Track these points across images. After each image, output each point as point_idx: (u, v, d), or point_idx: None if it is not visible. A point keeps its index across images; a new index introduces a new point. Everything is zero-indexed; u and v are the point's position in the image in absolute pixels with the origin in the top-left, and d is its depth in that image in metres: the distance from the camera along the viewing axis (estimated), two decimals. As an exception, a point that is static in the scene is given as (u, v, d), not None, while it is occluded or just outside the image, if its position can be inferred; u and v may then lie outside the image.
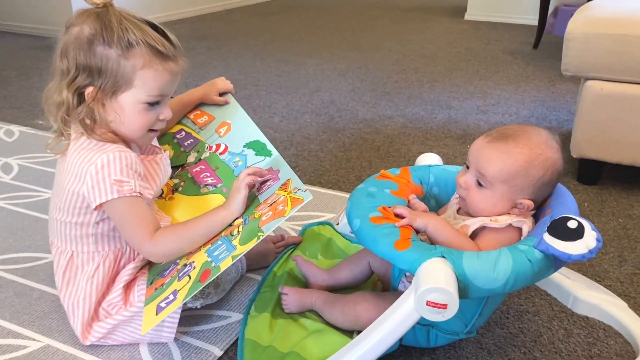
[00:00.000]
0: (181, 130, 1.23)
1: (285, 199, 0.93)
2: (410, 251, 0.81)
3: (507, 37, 3.68)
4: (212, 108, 1.23)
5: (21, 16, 3.63)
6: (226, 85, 1.22)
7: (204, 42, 3.43)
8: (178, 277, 0.92)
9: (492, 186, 0.90)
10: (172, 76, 0.94)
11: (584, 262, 1.26)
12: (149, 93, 0.92)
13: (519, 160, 0.88)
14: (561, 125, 2.10)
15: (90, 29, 0.89)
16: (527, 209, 0.90)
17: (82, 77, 0.90)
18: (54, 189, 0.99)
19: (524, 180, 0.88)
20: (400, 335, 0.81)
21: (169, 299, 0.88)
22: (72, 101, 0.91)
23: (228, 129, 1.18)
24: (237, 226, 0.95)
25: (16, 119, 2.10)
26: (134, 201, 0.91)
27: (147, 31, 0.91)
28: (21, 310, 1.08)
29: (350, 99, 2.40)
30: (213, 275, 0.87)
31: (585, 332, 1.05)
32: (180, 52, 0.96)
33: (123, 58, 0.89)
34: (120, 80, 0.90)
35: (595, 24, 1.50)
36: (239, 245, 0.89)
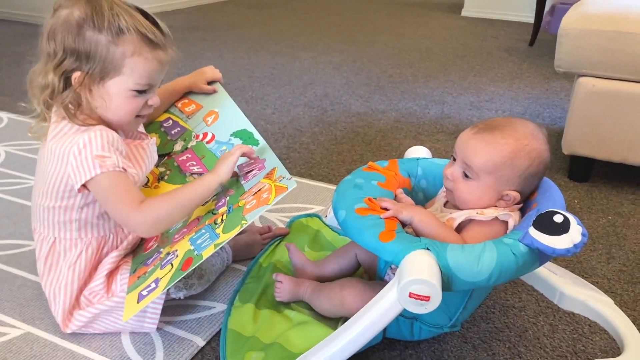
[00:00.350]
0: (168, 119, 1.22)
1: (269, 187, 0.92)
2: (395, 243, 0.81)
3: (503, 34, 3.67)
4: (200, 97, 1.22)
5: (13, 3, 3.59)
6: (215, 73, 1.21)
7: (198, 33, 3.40)
8: (161, 265, 0.92)
9: (479, 177, 0.89)
10: (160, 65, 0.94)
11: (572, 259, 1.26)
12: (137, 81, 0.92)
13: (504, 151, 0.87)
14: (554, 123, 2.10)
15: (80, 13, 0.88)
16: (514, 200, 0.90)
17: (69, 60, 0.89)
18: (36, 175, 0.98)
19: (510, 171, 0.88)
20: (382, 326, 0.80)
21: (150, 287, 0.88)
22: (58, 85, 0.90)
23: (215, 118, 1.17)
24: (221, 214, 0.94)
25: (5, 106, 2.08)
26: (117, 175, 0.89)
27: (138, 18, 0.90)
28: (2, 298, 1.07)
29: (344, 93, 2.39)
30: (195, 263, 0.86)
31: (571, 328, 1.05)
32: (170, 41, 0.95)
33: (113, 44, 0.88)
34: (108, 66, 0.89)
35: (588, 20, 1.50)
36: (222, 234, 0.89)
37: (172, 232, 1.02)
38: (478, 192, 0.90)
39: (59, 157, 0.90)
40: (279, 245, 1.19)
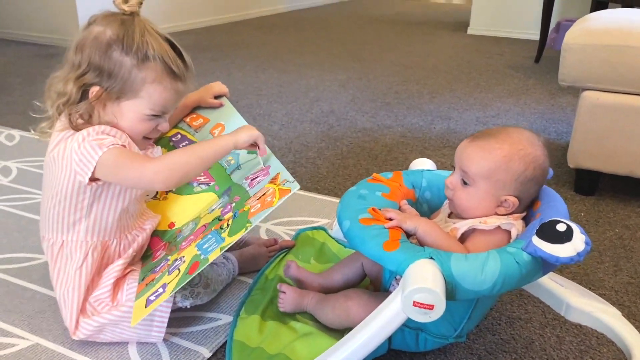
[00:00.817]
0: (177, 134, 1.24)
1: (273, 190, 0.94)
2: (399, 252, 0.81)
3: (509, 51, 3.70)
4: (207, 111, 1.24)
5: (27, 25, 3.67)
6: (221, 88, 1.24)
7: (208, 53, 3.45)
8: (168, 271, 0.93)
9: (475, 183, 0.91)
10: (177, 95, 0.98)
11: (579, 271, 1.26)
12: (152, 107, 0.95)
13: (498, 155, 0.89)
14: (560, 137, 2.10)
15: (112, 34, 0.92)
16: (513, 206, 0.90)
17: (91, 74, 0.93)
18: (44, 184, 1.00)
19: (506, 175, 0.89)
20: (386, 335, 0.80)
21: (158, 292, 0.89)
22: (75, 95, 0.93)
23: (222, 130, 1.19)
24: (227, 220, 0.96)
25: (18, 124, 2.11)
26: (120, 150, 0.91)
27: (165, 48, 0.94)
28: (12, 309, 1.08)
29: (350, 109, 2.41)
30: (202, 266, 0.87)
31: (578, 339, 1.05)
32: (191, 73, 0.99)
33: (136, 68, 0.92)
34: (127, 88, 0.93)
35: (592, 35, 1.51)
36: (227, 237, 0.90)
37: (179, 240, 1.04)
38: (476, 198, 0.91)
39: (62, 160, 0.93)
40: (285, 257, 1.20)
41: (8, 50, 3.41)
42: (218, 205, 1.08)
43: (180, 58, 0.96)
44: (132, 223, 1.04)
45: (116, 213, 0.99)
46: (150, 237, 1.09)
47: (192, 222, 1.09)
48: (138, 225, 1.06)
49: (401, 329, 0.92)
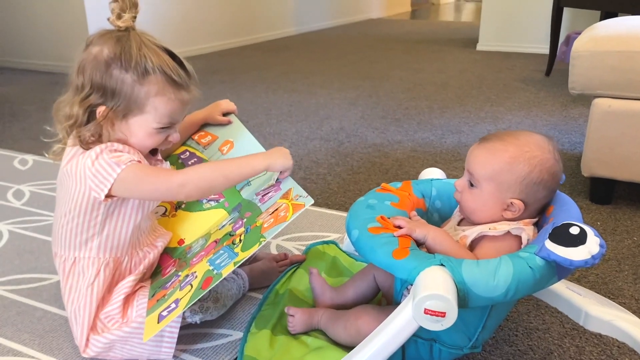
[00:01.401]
0: (185, 151, 1.24)
1: (286, 205, 0.93)
2: (409, 260, 0.80)
3: (519, 65, 3.69)
4: (216, 128, 1.24)
5: (43, 54, 3.75)
6: (229, 105, 1.24)
7: (217, 76, 3.49)
8: (180, 287, 0.92)
9: (480, 184, 0.90)
10: (183, 105, 0.98)
11: (597, 280, 1.23)
12: (159, 120, 0.95)
13: (502, 157, 0.88)
14: (574, 148, 2.07)
15: (109, 52, 0.92)
16: (519, 210, 0.89)
17: (95, 95, 0.93)
18: (57, 201, 1.00)
19: (510, 177, 0.88)
20: (398, 345, 0.78)
21: (170, 307, 0.88)
22: (82, 117, 0.94)
23: (231, 147, 1.19)
24: (239, 235, 0.95)
25: (31, 149, 2.14)
26: (138, 165, 0.91)
27: (165, 59, 0.94)
28: (22, 329, 1.08)
29: (360, 126, 2.41)
30: (215, 281, 0.86)
31: (599, 349, 1.01)
32: (194, 81, 0.99)
33: (138, 84, 0.92)
34: (132, 104, 0.93)
35: (601, 41, 1.50)
36: (240, 252, 0.89)
37: (189, 256, 1.03)
38: (481, 200, 0.90)
39: (75, 176, 0.93)
40: (296, 272, 1.19)
41: (24, 79, 3.48)
42: (228, 221, 1.07)
43: (181, 67, 0.96)
44: (143, 240, 1.04)
45: (129, 229, 0.98)
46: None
47: (202, 238, 1.09)
48: (150, 242, 1.06)
49: (414, 340, 0.90)
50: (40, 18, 3.70)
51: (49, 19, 3.66)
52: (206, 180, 0.95)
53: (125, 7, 0.93)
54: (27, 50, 3.84)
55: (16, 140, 2.29)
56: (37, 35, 3.75)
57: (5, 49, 3.94)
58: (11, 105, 2.88)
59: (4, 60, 3.96)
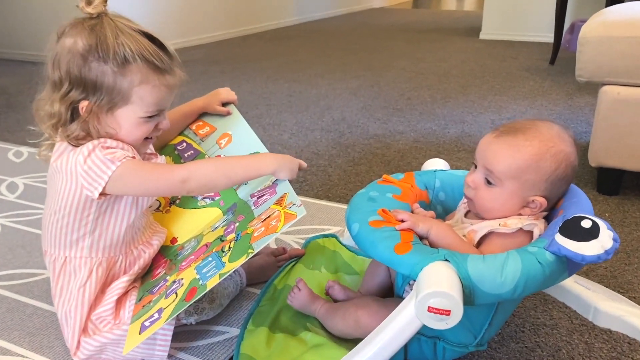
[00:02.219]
0: (182, 142, 1.20)
1: (279, 214, 0.88)
2: (411, 255, 0.76)
3: (523, 54, 3.64)
4: (214, 118, 1.20)
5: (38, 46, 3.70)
6: (229, 95, 1.19)
7: (218, 66, 3.44)
8: (165, 294, 0.88)
9: (502, 183, 0.84)
10: (169, 89, 0.92)
11: (606, 273, 1.19)
12: (147, 109, 0.90)
13: (528, 153, 0.82)
14: (580, 138, 2.03)
15: (84, 44, 0.86)
16: (540, 207, 0.84)
17: (76, 91, 0.87)
18: (47, 197, 0.96)
19: (535, 175, 0.83)
20: (400, 344, 0.74)
21: (153, 318, 0.84)
22: (65, 115, 0.88)
23: (229, 140, 1.15)
24: (229, 242, 0.91)
25: (26, 141, 2.10)
26: (134, 161, 0.87)
27: (144, 44, 0.88)
28: (12, 327, 1.04)
29: (361, 116, 2.37)
30: (199, 293, 0.82)
31: (608, 346, 0.98)
32: (177, 63, 0.93)
33: (119, 75, 0.86)
34: (116, 96, 0.88)
35: (609, 27, 1.45)
36: (227, 263, 0.85)
37: (180, 258, 0.99)
38: (501, 199, 0.84)
39: (66, 173, 0.88)
40: (295, 266, 1.15)
41: (21, 70, 3.44)
42: (222, 223, 1.03)
43: (162, 49, 0.90)
44: (139, 237, 1.00)
45: (122, 228, 0.94)
46: None
47: (195, 239, 1.04)
48: (145, 240, 1.02)
49: (417, 338, 0.86)
50: (36, 8, 3.66)
51: (45, 9, 3.61)
52: (209, 178, 0.91)
53: None
54: (24, 41, 3.79)
55: (12, 132, 2.26)
56: (33, 26, 3.70)
57: (1, 40, 3.90)
58: (7, 96, 2.84)
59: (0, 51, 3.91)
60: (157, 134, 0.97)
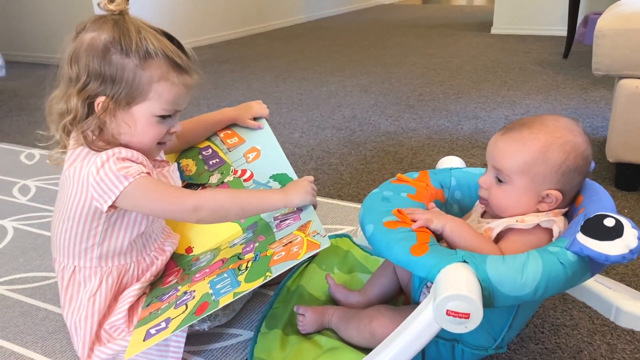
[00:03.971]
0: (208, 147, 1.18)
1: (301, 240, 0.86)
2: (428, 256, 0.74)
3: (536, 48, 3.59)
4: (244, 130, 1.19)
5: (49, 48, 3.72)
6: (262, 109, 1.19)
7: (227, 66, 3.43)
8: (175, 304, 0.87)
9: (511, 180, 0.82)
10: (187, 89, 0.91)
11: (627, 272, 1.16)
12: (163, 106, 0.89)
13: (534, 146, 0.81)
14: (596, 132, 1.99)
15: (108, 36, 0.85)
16: (556, 201, 0.82)
17: (94, 84, 0.86)
18: (57, 204, 0.95)
19: (544, 168, 0.81)
20: (418, 349, 0.73)
21: (160, 327, 0.82)
22: (82, 110, 0.87)
23: (257, 156, 1.14)
24: (247, 261, 0.89)
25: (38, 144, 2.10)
26: (148, 179, 0.85)
27: (164, 42, 0.88)
28: (25, 331, 1.04)
29: (373, 113, 2.34)
30: (210, 309, 0.80)
31: (632, 347, 0.95)
32: (195, 64, 0.93)
33: (140, 68, 0.86)
34: (135, 91, 0.87)
35: (626, 19, 1.42)
36: (243, 282, 0.83)
37: (194, 269, 0.98)
38: (514, 196, 0.83)
39: (77, 183, 0.87)
40: (308, 267, 1.13)
41: (32, 73, 3.46)
42: (240, 240, 1.01)
43: (181, 49, 0.90)
44: (150, 244, 0.99)
45: (132, 238, 0.93)
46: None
47: (211, 252, 1.03)
48: (157, 246, 1.00)
49: (435, 341, 0.84)
50: (48, 11, 3.67)
51: (57, 12, 3.62)
52: (222, 208, 0.90)
53: None
54: (35, 43, 3.81)
55: (23, 134, 2.26)
56: (44, 28, 3.72)
57: (13, 43, 3.92)
58: (19, 99, 2.85)
59: (12, 54, 3.93)
60: (169, 139, 0.96)
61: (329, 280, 1.04)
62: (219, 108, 2.45)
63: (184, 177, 1.15)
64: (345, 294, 1.01)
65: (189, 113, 2.34)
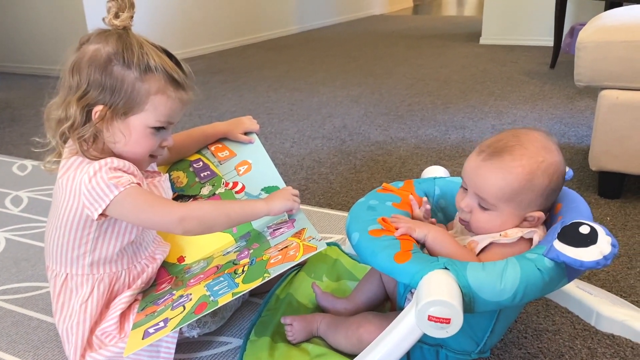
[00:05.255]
0: (199, 160, 1.21)
1: (297, 245, 0.89)
2: (411, 263, 0.76)
3: (523, 58, 3.64)
4: (235, 144, 1.21)
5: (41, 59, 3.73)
6: (252, 124, 1.23)
7: (219, 76, 3.46)
8: (172, 306, 0.88)
9: (496, 207, 0.84)
10: (182, 104, 0.95)
11: (608, 278, 1.19)
12: (158, 118, 0.92)
13: (520, 175, 0.81)
14: (581, 141, 2.03)
15: (111, 49, 0.89)
16: (538, 221, 0.85)
17: (93, 93, 0.89)
18: (50, 212, 0.97)
19: (531, 194, 0.82)
20: (402, 353, 0.75)
21: (158, 326, 0.84)
22: (80, 118, 0.90)
23: (248, 169, 1.16)
24: (243, 265, 0.91)
25: (30, 154, 2.12)
26: (137, 189, 0.88)
27: (164, 58, 0.92)
28: (17, 340, 1.05)
29: (363, 123, 2.38)
30: (209, 308, 0.82)
31: (612, 351, 0.98)
32: (192, 82, 0.97)
33: (139, 81, 0.89)
34: (132, 102, 0.90)
35: (607, 32, 1.46)
36: (241, 283, 0.85)
37: (187, 276, 1.00)
38: (499, 221, 0.84)
39: (70, 191, 0.89)
40: (297, 275, 1.15)
41: (24, 84, 3.47)
42: (234, 249, 1.03)
43: (179, 67, 0.94)
44: (141, 252, 1.01)
45: (122, 246, 0.95)
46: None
47: (204, 261, 1.05)
48: (148, 254, 1.02)
49: (420, 346, 0.87)
50: (40, 22, 3.69)
51: (48, 23, 3.64)
52: (208, 219, 0.92)
53: (124, 6, 0.90)
54: (27, 54, 3.82)
55: (15, 145, 2.27)
56: (36, 39, 3.73)
57: (4, 54, 3.93)
58: (11, 110, 2.86)
59: (3, 65, 3.94)
60: (161, 152, 0.99)
61: (315, 289, 1.06)
62: (210, 118, 2.49)
63: (175, 189, 1.17)
64: (333, 302, 1.03)
65: (180, 123, 2.37)
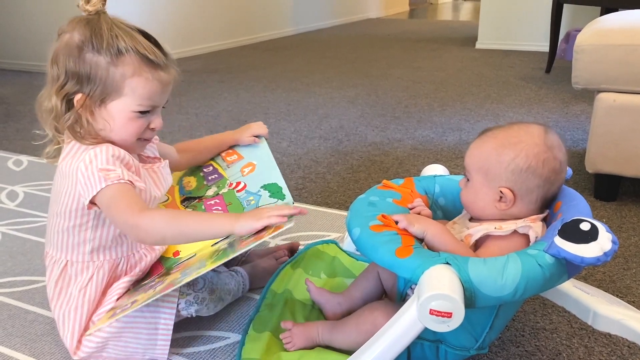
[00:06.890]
0: (209, 165, 1.25)
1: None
2: (412, 258, 0.77)
3: (519, 63, 3.67)
4: (244, 149, 1.25)
5: (36, 55, 3.72)
6: (260, 128, 1.24)
7: (216, 76, 3.46)
8: (145, 290, 0.92)
9: (472, 177, 0.90)
10: (162, 85, 0.92)
11: (605, 278, 1.20)
12: (139, 102, 0.91)
13: (490, 144, 0.88)
14: (576, 145, 2.05)
15: (80, 36, 0.88)
16: (510, 200, 0.86)
17: (71, 83, 0.89)
18: (51, 198, 0.97)
19: (497, 165, 0.86)
20: (402, 347, 0.75)
21: (125, 306, 0.89)
22: (61, 108, 0.90)
23: (252, 169, 1.18)
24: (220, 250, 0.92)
25: (26, 150, 2.11)
26: (123, 187, 0.86)
27: (138, 39, 0.90)
28: (13, 333, 1.04)
29: (359, 124, 2.38)
30: (176, 284, 0.86)
31: (608, 349, 0.98)
32: (172, 61, 0.94)
33: (112, 65, 0.88)
34: (109, 87, 0.89)
35: (604, 35, 1.47)
36: (209, 264, 0.87)
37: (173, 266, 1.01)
38: (473, 192, 0.89)
39: (68, 176, 0.90)
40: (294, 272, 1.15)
41: (19, 80, 3.45)
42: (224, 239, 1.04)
43: (157, 46, 0.92)
44: None
45: (122, 234, 0.95)
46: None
47: (195, 254, 1.06)
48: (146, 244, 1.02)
49: (420, 342, 0.87)
50: (35, 19, 3.67)
51: (43, 19, 3.62)
52: (174, 233, 0.85)
53: None
54: (21, 51, 3.81)
55: (11, 141, 2.26)
56: (31, 36, 3.71)
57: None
58: (6, 106, 2.85)
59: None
60: (151, 134, 0.97)
61: (309, 285, 1.05)
62: (207, 117, 2.49)
63: (184, 192, 1.21)
64: (327, 297, 1.03)
65: (178, 122, 2.37)
